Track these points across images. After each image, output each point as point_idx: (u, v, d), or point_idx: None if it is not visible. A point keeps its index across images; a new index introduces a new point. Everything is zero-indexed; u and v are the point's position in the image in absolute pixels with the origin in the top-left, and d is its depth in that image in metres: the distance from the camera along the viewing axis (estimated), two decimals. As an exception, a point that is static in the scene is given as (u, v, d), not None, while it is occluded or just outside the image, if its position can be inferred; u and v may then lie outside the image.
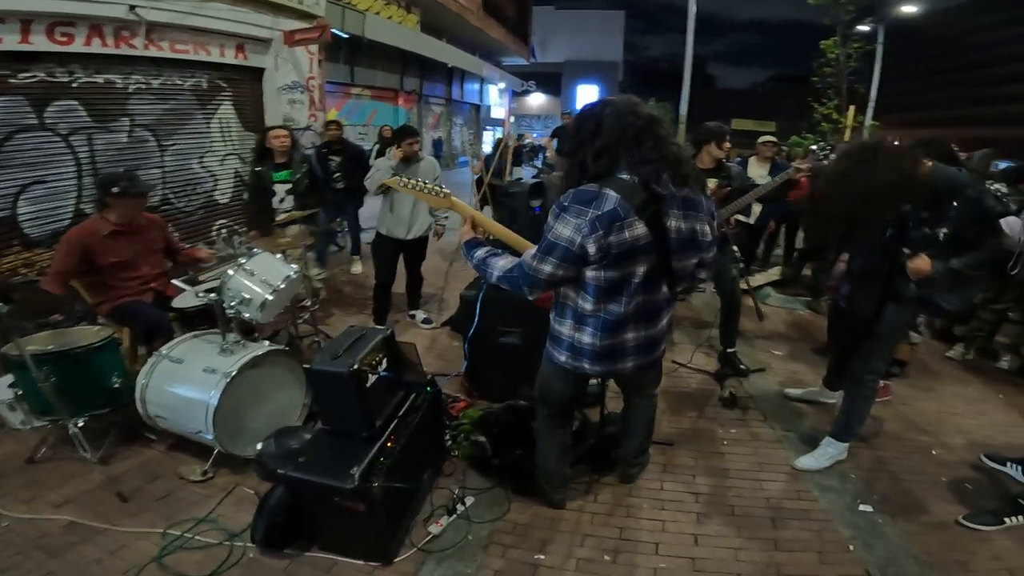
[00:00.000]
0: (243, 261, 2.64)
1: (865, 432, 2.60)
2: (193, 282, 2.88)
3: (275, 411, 2.49)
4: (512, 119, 24.28)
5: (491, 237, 1.94)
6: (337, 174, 5.29)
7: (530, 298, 1.69)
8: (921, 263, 2.11)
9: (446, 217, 3.81)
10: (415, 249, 3.91)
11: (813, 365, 3.53)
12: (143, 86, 4.67)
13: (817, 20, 19.57)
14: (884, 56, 19.10)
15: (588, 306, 1.63)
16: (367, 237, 5.02)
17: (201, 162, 5.34)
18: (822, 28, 19.97)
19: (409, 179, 1.98)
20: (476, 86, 19.02)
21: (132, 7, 4.22)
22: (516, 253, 1.78)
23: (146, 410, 2.37)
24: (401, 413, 2.12)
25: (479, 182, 6.28)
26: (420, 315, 4.17)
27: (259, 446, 2.09)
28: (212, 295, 2.46)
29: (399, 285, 4.02)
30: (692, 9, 12.45)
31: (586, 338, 1.68)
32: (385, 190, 3.57)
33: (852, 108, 12.90)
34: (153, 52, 4.64)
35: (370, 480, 1.75)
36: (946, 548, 2.02)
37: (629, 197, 1.49)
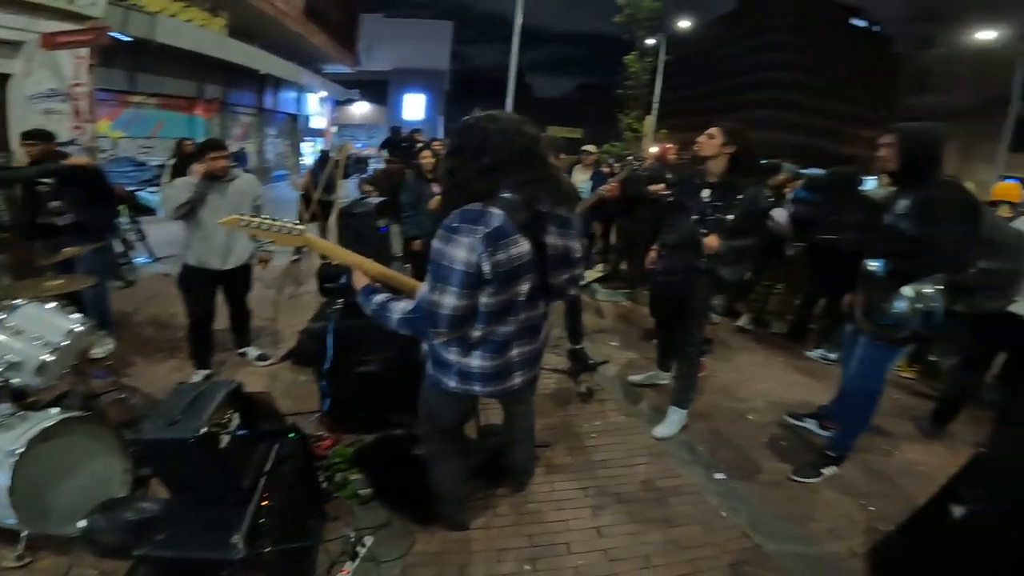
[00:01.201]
0: (2, 318, 2.13)
1: (692, 406, 3.06)
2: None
3: (90, 484, 2.07)
4: (334, 129, 22.93)
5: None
6: (55, 203, 3.46)
7: (435, 342, 1.61)
8: (712, 240, 2.63)
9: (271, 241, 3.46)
10: (237, 280, 3.41)
11: (644, 351, 4.03)
12: None
13: (620, 34, 22.37)
14: (665, 67, 21.95)
15: (477, 332, 1.61)
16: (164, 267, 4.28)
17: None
18: (623, 42, 22.89)
19: (252, 217, 1.76)
20: (293, 94, 17.63)
21: None
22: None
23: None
24: (268, 468, 1.90)
25: (306, 198, 5.87)
26: (253, 351, 3.71)
27: (82, 523, 1.72)
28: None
29: (220, 320, 3.52)
30: (518, 20, 12.74)
31: (475, 362, 1.66)
32: (189, 212, 3.09)
33: (649, 118, 15.06)
34: None
35: (258, 545, 1.56)
36: (791, 503, 2.47)
37: (513, 216, 1.49)
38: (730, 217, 2.64)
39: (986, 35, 19.93)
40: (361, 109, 30.65)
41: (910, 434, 3.17)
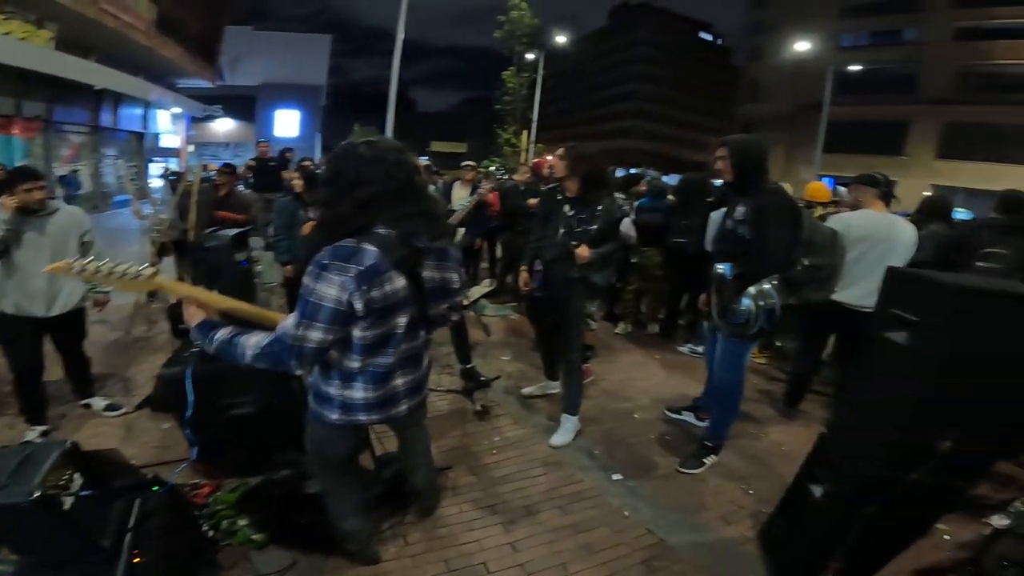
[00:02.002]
0: None
1: (584, 411, 3.17)
2: None
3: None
4: (191, 148, 20.89)
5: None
6: None
7: (298, 372, 1.53)
8: (583, 251, 2.81)
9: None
10: (67, 327, 3.01)
11: (535, 362, 4.08)
12: None
13: (500, 49, 22.73)
14: (542, 82, 22.91)
15: (355, 364, 1.56)
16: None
17: None
18: (504, 56, 23.34)
19: (85, 261, 1.52)
20: (139, 111, 15.77)
21: None
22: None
23: None
24: (132, 524, 1.70)
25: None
26: (100, 402, 3.26)
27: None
28: None
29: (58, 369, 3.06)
30: (400, 34, 12.41)
31: (357, 393, 1.61)
32: (1, 252, 2.64)
33: (525, 132, 15.59)
34: None
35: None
36: (684, 494, 2.63)
37: (388, 252, 1.46)
38: (593, 227, 2.83)
39: (802, 47, 23.08)
40: (224, 126, 28.15)
41: (772, 416, 3.55)
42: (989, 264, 3.03)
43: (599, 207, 2.85)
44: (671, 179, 8.73)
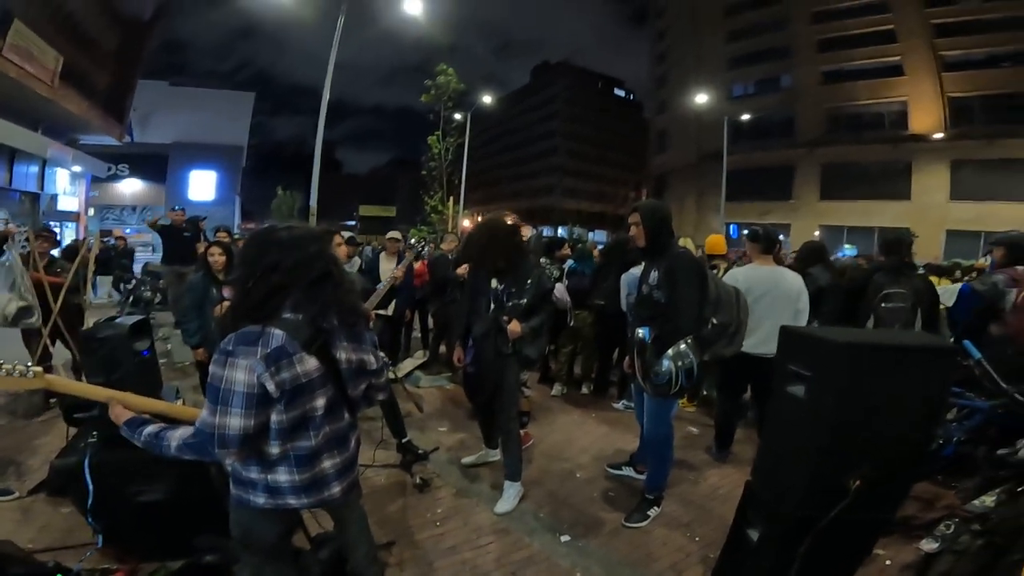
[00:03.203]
0: None
1: (526, 474, 3.18)
2: None
3: None
4: (91, 212, 19.27)
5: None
6: None
7: (228, 461, 1.50)
8: (515, 326, 2.89)
9: None
10: None
11: (474, 430, 4.02)
12: None
13: (427, 109, 22.71)
14: (468, 142, 23.01)
15: (275, 449, 1.51)
16: None
17: None
18: (430, 120, 23.29)
19: None
20: (35, 168, 14.49)
21: None
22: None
23: None
24: None
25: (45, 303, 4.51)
26: None
27: None
28: None
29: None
30: (326, 96, 11.92)
31: (282, 476, 1.55)
32: None
33: (451, 199, 15.64)
34: None
35: None
36: (632, 548, 2.65)
37: (295, 335, 1.46)
38: (523, 301, 2.92)
39: (700, 98, 24.71)
40: (132, 187, 26.28)
41: (706, 461, 3.71)
42: (893, 304, 3.41)
43: (528, 280, 2.95)
44: (598, 235, 9.19)
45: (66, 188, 16.57)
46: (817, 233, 24.37)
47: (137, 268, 10.78)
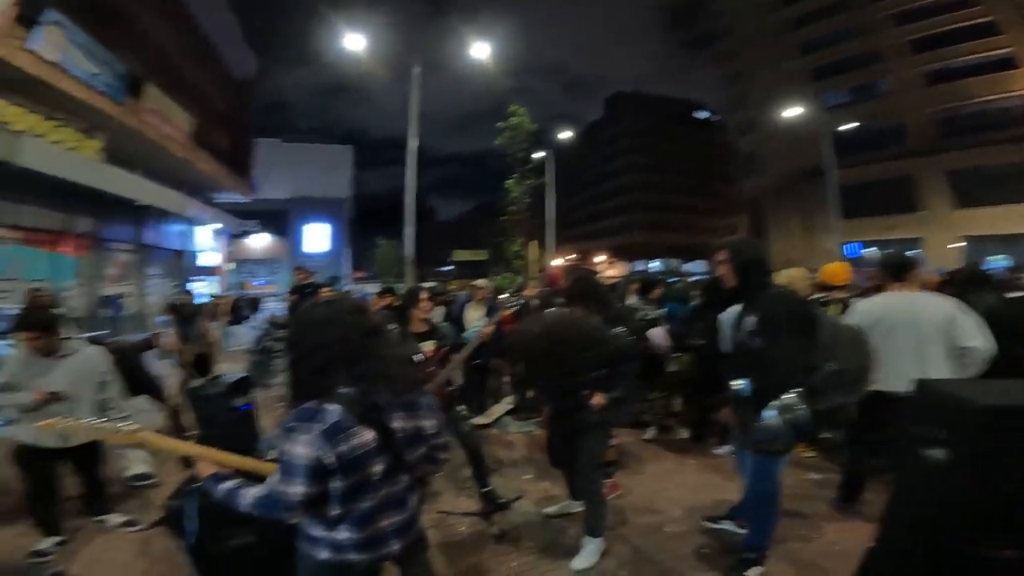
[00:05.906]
0: None
1: (610, 527, 2.98)
2: None
3: None
4: (231, 265, 21.32)
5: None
6: None
7: (294, 521, 1.62)
8: (598, 399, 2.79)
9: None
10: (84, 455, 3.15)
11: (558, 479, 3.82)
12: None
13: (504, 153, 22.86)
14: (549, 180, 22.33)
15: (335, 511, 1.60)
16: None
17: None
18: (507, 163, 23.40)
19: (69, 422, 1.69)
20: (180, 227, 15.97)
21: None
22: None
23: None
24: None
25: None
26: (116, 519, 3.35)
27: None
28: None
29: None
30: (413, 143, 12.24)
31: (342, 535, 1.63)
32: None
33: (534, 243, 15.29)
34: None
35: None
36: None
37: (350, 408, 1.54)
38: (604, 371, 2.77)
39: (793, 112, 22.10)
40: (261, 242, 28.63)
41: (824, 513, 3.26)
42: None
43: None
44: (695, 266, 8.68)
45: (207, 244, 18.33)
46: (958, 244, 21.47)
47: (260, 316, 11.66)
